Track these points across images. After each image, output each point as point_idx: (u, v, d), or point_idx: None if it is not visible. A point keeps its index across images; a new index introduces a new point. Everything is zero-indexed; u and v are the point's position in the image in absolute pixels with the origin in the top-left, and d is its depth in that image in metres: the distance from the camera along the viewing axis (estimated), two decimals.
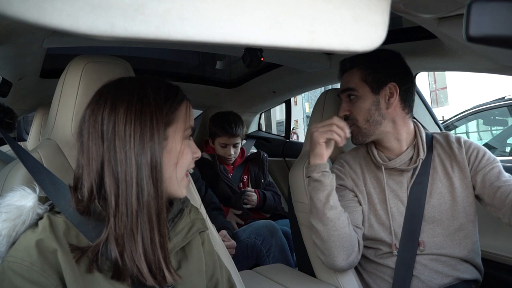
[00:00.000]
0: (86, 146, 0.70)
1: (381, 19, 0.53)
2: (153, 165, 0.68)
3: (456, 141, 1.26)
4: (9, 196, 0.69)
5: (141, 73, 0.84)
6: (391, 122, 1.22)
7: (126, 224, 0.66)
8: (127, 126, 0.67)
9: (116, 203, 0.66)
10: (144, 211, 0.67)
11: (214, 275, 0.87)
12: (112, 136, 0.67)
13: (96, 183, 0.68)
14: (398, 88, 1.20)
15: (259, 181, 2.21)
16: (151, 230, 0.68)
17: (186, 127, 0.76)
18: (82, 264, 0.66)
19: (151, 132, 0.68)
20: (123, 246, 0.66)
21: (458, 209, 1.19)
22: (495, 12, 0.49)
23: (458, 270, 1.18)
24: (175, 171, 0.74)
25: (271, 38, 0.48)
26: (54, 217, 0.69)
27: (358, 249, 1.18)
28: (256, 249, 1.76)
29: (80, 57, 1.01)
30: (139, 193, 0.67)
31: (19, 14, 0.38)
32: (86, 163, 0.69)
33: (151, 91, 0.71)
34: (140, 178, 0.67)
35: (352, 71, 1.24)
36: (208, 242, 0.90)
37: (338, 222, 1.13)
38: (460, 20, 0.79)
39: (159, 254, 0.69)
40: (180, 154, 0.74)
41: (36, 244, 0.64)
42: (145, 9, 0.42)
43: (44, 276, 0.63)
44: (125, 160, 0.67)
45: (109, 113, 0.68)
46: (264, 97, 2.55)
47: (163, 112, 0.71)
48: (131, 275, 0.66)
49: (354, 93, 1.22)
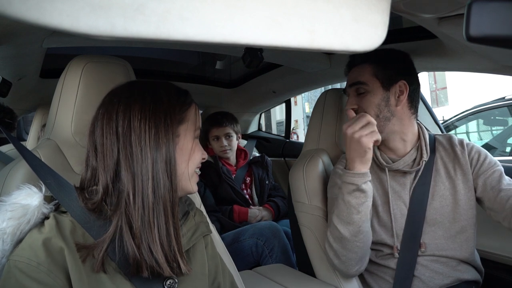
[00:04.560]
0: (100, 144, 0.71)
1: (381, 19, 0.53)
2: (168, 160, 0.71)
3: (459, 144, 1.26)
4: (15, 195, 0.69)
5: (141, 73, 0.86)
6: (399, 120, 1.20)
7: (143, 217, 0.68)
8: (142, 122, 0.69)
9: (133, 196, 0.68)
10: (160, 204, 0.69)
11: (216, 279, 0.87)
12: (128, 132, 0.69)
13: (111, 179, 0.70)
14: (408, 86, 1.20)
15: (263, 183, 2.22)
16: (167, 222, 0.70)
17: (196, 127, 0.79)
18: (88, 264, 0.66)
19: (165, 128, 0.71)
20: (140, 238, 0.67)
21: (459, 212, 1.19)
22: (495, 12, 0.49)
23: (459, 271, 1.18)
24: (187, 168, 0.76)
25: (271, 38, 0.48)
26: (60, 216, 0.69)
27: (368, 257, 1.18)
28: (258, 249, 1.76)
29: (80, 57, 1.01)
30: (155, 187, 0.69)
31: (19, 14, 0.38)
32: (101, 160, 0.71)
33: (163, 91, 0.75)
34: (156, 172, 0.69)
35: (362, 65, 1.22)
36: (211, 245, 0.90)
37: (368, 235, 1.13)
38: (460, 20, 0.80)
39: (175, 246, 0.71)
40: (192, 152, 0.77)
41: (43, 243, 0.64)
42: (145, 9, 0.42)
43: (51, 277, 0.63)
44: (141, 155, 0.69)
45: (124, 110, 0.71)
46: (264, 97, 2.55)
47: (175, 111, 0.74)
48: (149, 266, 0.68)
49: (364, 87, 1.20)
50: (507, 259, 1.44)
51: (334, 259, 1.16)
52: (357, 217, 1.09)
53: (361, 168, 1.09)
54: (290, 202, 1.42)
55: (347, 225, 1.10)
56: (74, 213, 0.70)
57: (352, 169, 1.09)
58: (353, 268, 1.15)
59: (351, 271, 1.16)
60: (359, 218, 1.09)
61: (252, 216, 2.03)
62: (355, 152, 1.08)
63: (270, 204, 2.12)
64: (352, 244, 1.10)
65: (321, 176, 1.36)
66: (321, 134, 1.47)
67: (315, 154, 1.41)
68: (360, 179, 1.08)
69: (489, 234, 1.43)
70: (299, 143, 2.73)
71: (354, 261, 1.13)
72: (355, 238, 1.10)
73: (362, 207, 1.09)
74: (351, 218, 1.09)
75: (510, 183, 1.15)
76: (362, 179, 1.08)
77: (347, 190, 1.10)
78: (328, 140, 1.47)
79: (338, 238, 1.12)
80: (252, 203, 2.15)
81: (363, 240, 1.11)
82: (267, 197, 2.21)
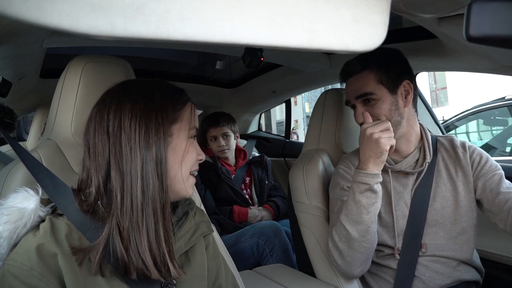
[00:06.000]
0: (92, 143, 0.70)
1: (381, 19, 0.53)
2: (158, 160, 0.69)
3: (461, 146, 1.25)
4: (12, 198, 0.69)
5: (141, 73, 0.85)
6: (407, 121, 1.19)
7: (132, 217, 0.66)
8: (133, 121, 0.68)
9: (121, 197, 0.67)
10: (149, 204, 0.68)
11: (217, 280, 0.87)
12: (118, 131, 0.69)
13: (103, 179, 0.69)
14: (412, 84, 1.19)
15: (263, 183, 2.22)
16: (156, 223, 0.68)
17: (191, 127, 0.77)
18: (85, 267, 0.66)
19: (156, 127, 0.69)
20: (128, 239, 0.66)
21: (460, 213, 1.19)
22: (495, 12, 0.49)
23: (459, 271, 1.19)
24: (180, 169, 0.74)
25: (271, 38, 0.48)
26: (56, 219, 0.69)
27: (371, 259, 1.18)
28: (259, 249, 1.77)
29: (80, 57, 1.01)
30: (144, 187, 0.67)
31: (19, 14, 0.38)
32: (93, 161, 0.70)
33: (156, 90, 0.73)
34: (145, 172, 0.68)
35: (363, 73, 1.18)
36: (213, 245, 0.89)
37: (375, 237, 1.13)
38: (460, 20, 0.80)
39: (164, 248, 0.69)
40: (185, 152, 0.75)
41: (37, 248, 0.64)
42: (145, 9, 0.42)
43: (43, 281, 0.63)
44: (130, 154, 0.68)
45: (115, 109, 0.70)
46: (264, 97, 2.55)
47: (168, 110, 0.72)
48: (136, 268, 0.66)
49: (372, 96, 1.16)
50: (507, 259, 1.44)
51: (339, 259, 1.16)
52: (366, 217, 1.08)
53: (374, 169, 1.08)
54: (290, 202, 1.42)
55: (356, 224, 1.10)
56: (70, 216, 0.69)
57: (366, 169, 1.09)
58: (357, 269, 1.15)
59: (355, 272, 1.16)
60: (368, 218, 1.09)
61: (252, 216, 2.03)
62: (371, 151, 1.08)
63: (270, 204, 2.12)
64: (359, 244, 1.10)
65: (321, 176, 1.36)
66: (321, 134, 1.47)
67: (315, 154, 1.41)
68: (372, 179, 1.08)
69: (489, 234, 1.43)
70: (299, 143, 2.73)
71: (359, 261, 1.13)
72: (363, 238, 1.10)
73: (372, 207, 1.09)
74: (360, 218, 1.09)
75: (509, 186, 1.15)
76: (374, 180, 1.08)
77: (359, 189, 1.09)
78: (328, 140, 1.47)
79: (346, 238, 1.12)
80: (252, 203, 2.15)
81: (370, 241, 1.11)
82: (267, 197, 2.21)
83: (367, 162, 1.09)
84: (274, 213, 2.09)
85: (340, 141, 1.46)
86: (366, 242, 1.10)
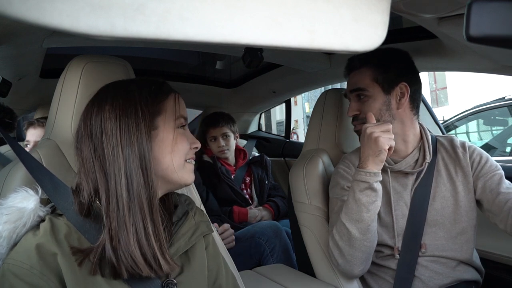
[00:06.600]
0: (80, 149, 0.72)
1: (381, 19, 0.53)
2: (142, 155, 0.69)
3: (461, 146, 1.26)
4: (11, 198, 0.69)
5: (141, 73, 0.86)
6: (400, 123, 1.20)
7: (118, 217, 0.67)
8: (113, 121, 0.69)
9: (107, 198, 0.67)
10: (135, 202, 0.68)
11: (217, 280, 0.87)
12: (100, 134, 0.69)
13: (93, 183, 0.69)
14: (409, 88, 1.19)
15: (263, 183, 2.21)
16: (144, 219, 0.68)
17: (177, 116, 0.76)
18: (85, 267, 0.66)
19: (136, 122, 0.70)
20: (117, 239, 0.66)
21: (460, 213, 1.19)
22: (495, 12, 0.49)
23: (459, 271, 1.19)
24: (171, 160, 0.74)
25: (271, 38, 0.48)
26: (56, 219, 0.69)
27: (371, 258, 1.18)
28: (259, 249, 1.76)
29: (80, 57, 1.01)
30: (129, 185, 0.68)
31: (19, 14, 0.38)
32: (82, 166, 0.71)
33: (134, 87, 0.74)
34: (129, 170, 0.68)
35: (362, 70, 1.22)
36: (213, 245, 0.89)
37: (375, 236, 1.14)
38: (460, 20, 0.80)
39: (153, 243, 0.69)
40: (174, 143, 0.75)
41: (36, 247, 0.64)
42: (145, 9, 0.42)
43: (43, 280, 0.63)
44: (112, 155, 0.68)
45: (97, 113, 0.71)
46: (264, 97, 2.55)
47: (148, 103, 0.72)
48: (126, 268, 0.66)
49: (365, 93, 1.20)
50: (507, 259, 1.44)
51: (339, 258, 1.16)
52: (366, 216, 1.09)
53: (373, 168, 1.10)
54: (290, 202, 1.42)
55: (356, 223, 1.10)
56: (70, 217, 0.69)
57: (365, 167, 1.10)
58: (358, 268, 1.15)
59: (355, 271, 1.16)
60: (368, 216, 1.09)
61: (252, 216, 2.03)
62: (370, 150, 1.09)
63: (270, 204, 2.12)
64: (360, 242, 1.11)
65: (321, 176, 1.36)
66: (321, 134, 1.47)
67: (315, 154, 1.41)
68: (372, 178, 1.09)
69: (489, 234, 1.43)
70: (299, 143, 2.72)
71: (359, 260, 1.13)
72: (363, 236, 1.10)
73: (372, 205, 1.10)
74: (360, 216, 1.09)
75: (509, 187, 1.15)
76: (373, 178, 1.09)
77: (359, 188, 1.10)
78: (328, 140, 1.47)
79: (346, 236, 1.12)
80: (252, 203, 2.15)
81: (371, 240, 1.12)
82: (267, 197, 2.21)
83: (367, 161, 1.10)
84: (274, 213, 2.09)
85: (340, 141, 1.46)
86: (367, 241, 1.11)
